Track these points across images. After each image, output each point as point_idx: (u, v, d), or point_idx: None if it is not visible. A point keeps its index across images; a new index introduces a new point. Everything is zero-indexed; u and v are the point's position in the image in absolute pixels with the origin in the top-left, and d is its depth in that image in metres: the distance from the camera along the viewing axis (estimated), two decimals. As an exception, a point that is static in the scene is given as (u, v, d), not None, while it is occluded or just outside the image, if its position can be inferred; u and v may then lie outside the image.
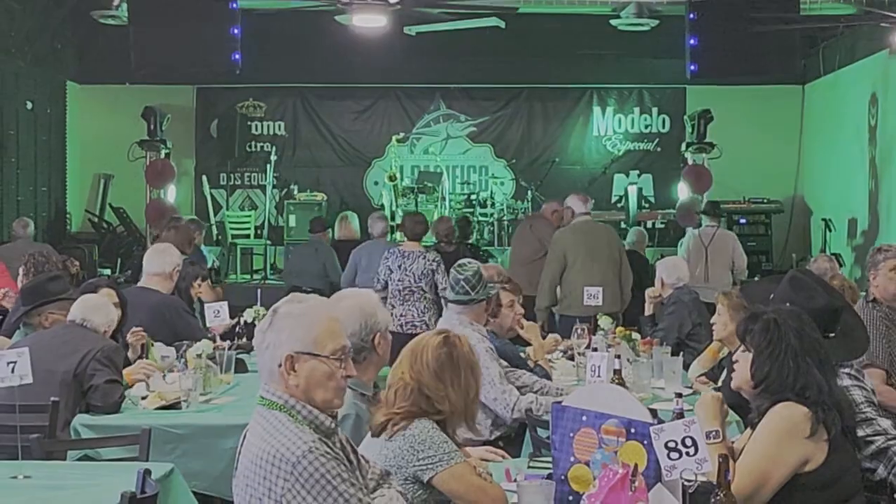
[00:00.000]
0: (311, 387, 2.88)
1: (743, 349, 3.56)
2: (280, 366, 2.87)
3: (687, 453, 2.97)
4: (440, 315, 6.48)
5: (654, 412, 3.49)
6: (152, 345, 6.13)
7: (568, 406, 3.33)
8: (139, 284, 6.93)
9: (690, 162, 14.13)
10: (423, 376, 3.42)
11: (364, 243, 10.16)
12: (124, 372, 5.51)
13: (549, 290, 9.07)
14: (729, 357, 5.40)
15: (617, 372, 5.08)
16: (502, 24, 12.36)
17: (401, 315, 8.55)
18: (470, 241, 12.45)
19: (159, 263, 6.87)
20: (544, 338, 6.78)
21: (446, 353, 3.46)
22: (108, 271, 13.71)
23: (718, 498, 2.90)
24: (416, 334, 3.73)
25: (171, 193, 14.10)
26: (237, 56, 11.41)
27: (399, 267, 8.67)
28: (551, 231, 9.86)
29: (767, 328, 3.47)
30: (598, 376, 5.14)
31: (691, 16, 11.61)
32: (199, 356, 5.67)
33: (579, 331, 6.65)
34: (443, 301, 7.06)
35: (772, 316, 3.50)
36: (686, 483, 2.99)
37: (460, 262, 5.52)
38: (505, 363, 5.51)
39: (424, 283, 8.59)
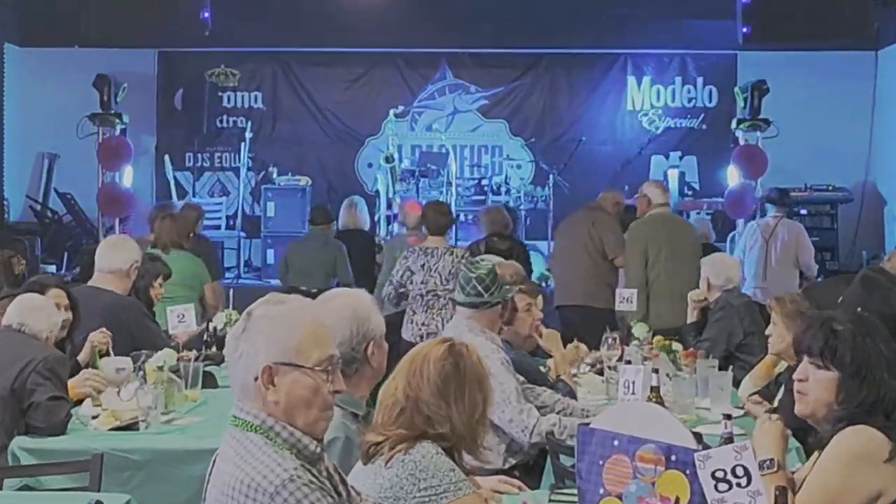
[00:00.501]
0: (292, 404, 2.87)
1: (813, 365, 3.53)
2: (256, 379, 2.86)
3: (738, 484, 2.96)
4: None
5: (698, 436, 3.49)
6: (102, 354, 6.12)
7: (597, 429, 3.33)
8: (90, 283, 6.93)
9: (742, 142, 14.10)
10: (422, 392, 3.41)
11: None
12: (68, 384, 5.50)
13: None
14: (787, 373, 5.39)
15: (654, 389, 5.08)
16: (520, -22, 12.37)
17: (422, 324, 8.54)
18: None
19: (115, 259, 6.87)
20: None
21: (451, 365, 3.45)
22: (52, 268, 13.72)
23: (775, 537, 2.88)
24: None
25: (127, 176, 14.10)
26: (206, 14, 11.43)
27: (422, 267, 8.65)
28: (616, 228, 9.78)
29: (855, 343, 3.46)
30: (633, 394, 5.14)
31: (744, -32, 11.61)
32: (161, 368, 5.67)
33: (609, 340, 6.64)
34: (450, 303, 7.07)
35: (853, 327, 3.48)
36: (737, 520, 2.98)
37: (473, 259, 5.53)
38: (522, 378, 5.50)
39: (453, 286, 8.59)
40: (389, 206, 14.16)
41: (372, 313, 3.88)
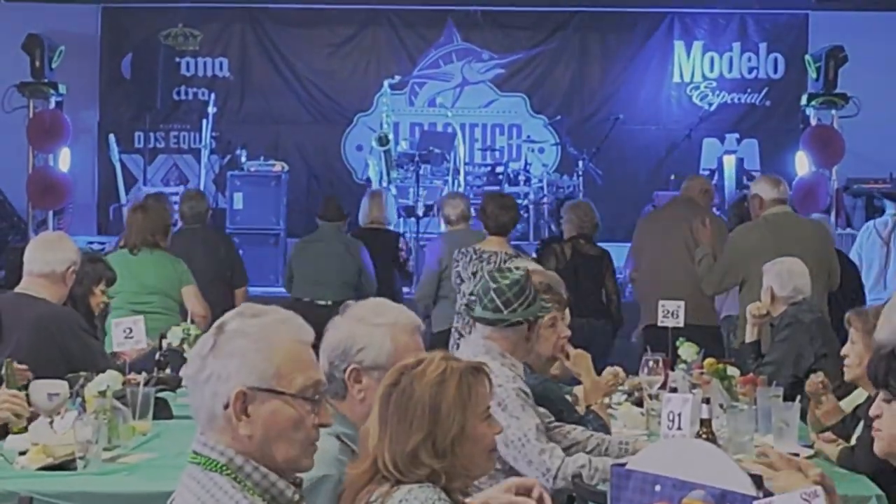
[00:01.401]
0: (269, 438, 2.87)
1: (886, 399, 3.54)
2: (227, 407, 2.86)
3: (807, 539, 2.97)
4: None
5: (758, 480, 3.48)
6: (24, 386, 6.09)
7: (634, 470, 3.34)
8: (18, 289, 6.93)
9: (814, 121, 14.12)
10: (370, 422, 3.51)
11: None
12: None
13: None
14: (867, 404, 5.38)
15: (705, 423, 5.06)
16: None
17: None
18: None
19: (48, 260, 6.85)
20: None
21: (386, 389, 3.50)
22: (-29, 271, 13.74)
23: None
24: None
25: (63, 160, 14.12)
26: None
27: (474, 275, 8.68)
28: (723, 227, 9.78)
29: None
30: (678, 428, 5.14)
31: None
32: (103, 394, 5.66)
33: (651, 363, 6.64)
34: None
35: None
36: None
37: (501, 266, 5.52)
38: (544, 410, 5.50)
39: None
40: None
41: (384, 338, 3.91)
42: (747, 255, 8.71)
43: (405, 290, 11.32)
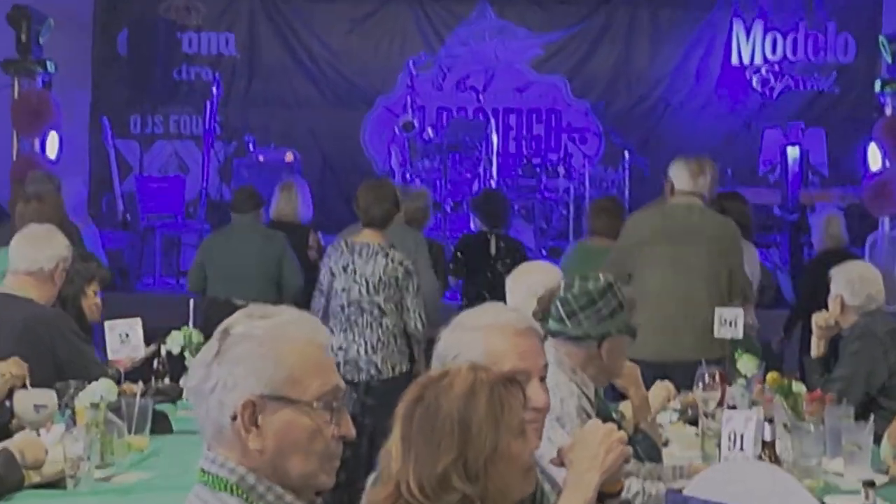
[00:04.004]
0: (283, 452, 2.87)
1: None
2: (235, 419, 2.86)
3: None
4: None
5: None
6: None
7: (692, 497, 3.32)
8: (1, 290, 6.95)
9: (888, 110, 14.08)
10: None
11: None
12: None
13: None
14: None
15: (768, 444, 5.06)
16: None
17: (339, 348, 8.69)
18: None
19: (35, 257, 6.89)
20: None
21: (409, 405, 3.48)
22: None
23: None
24: None
25: (51, 145, 14.17)
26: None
27: (345, 270, 8.80)
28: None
29: None
30: (740, 449, 5.11)
31: None
32: (96, 406, 5.67)
33: (706, 377, 6.62)
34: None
35: None
36: None
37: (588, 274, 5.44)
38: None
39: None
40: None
41: (476, 342, 3.91)
42: (634, 246, 8.75)
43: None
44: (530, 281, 6.58)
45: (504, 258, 10.41)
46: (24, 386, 6.11)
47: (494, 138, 15.07)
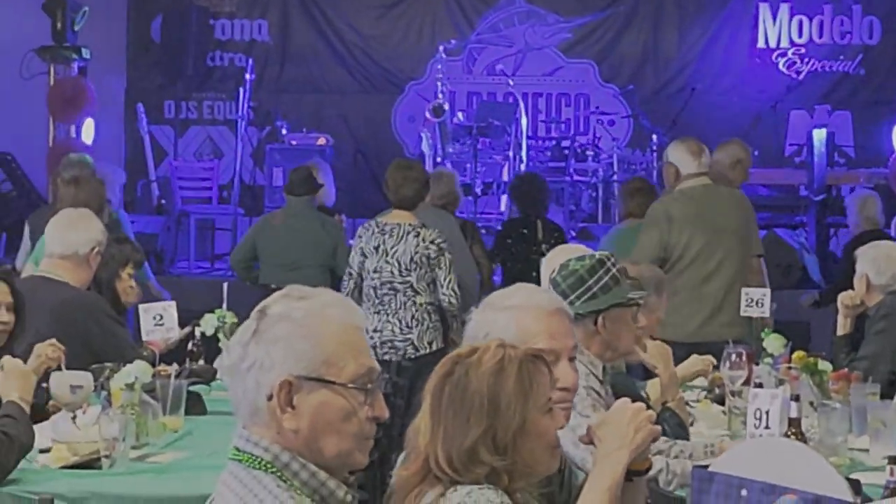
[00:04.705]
0: (318, 432, 2.87)
1: None
2: (270, 399, 2.86)
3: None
4: None
5: (855, 485, 3.47)
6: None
7: (717, 473, 3.33)
8: (38, 273, 6.98)
9: (915, 91, 14.03)
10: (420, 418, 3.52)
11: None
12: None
13: None
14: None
15: (794, 422, 5.05)
16: None
17: (374, 330, 8.71)
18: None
19: (70, 240, 6.91)
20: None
21: (439, 381, 3.50)
22: (-13, 252, 13.85)
23: None
24: None
25: (87, 131, 14.19)
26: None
27: (376, 250, 8.83)
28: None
29: None
30: (766, 427, 5.12)
31: None
32: (131, 387, 5.68)
33: (733, 356, 6.61)
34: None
35: None
36: None
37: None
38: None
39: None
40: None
41: (508, 322, 3.97)
42: (664, 233, 8.67)
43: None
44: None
45: (549, 242, 10.42)
46: (59, 368, 6.14)
47: (524, 122, 15.05)
